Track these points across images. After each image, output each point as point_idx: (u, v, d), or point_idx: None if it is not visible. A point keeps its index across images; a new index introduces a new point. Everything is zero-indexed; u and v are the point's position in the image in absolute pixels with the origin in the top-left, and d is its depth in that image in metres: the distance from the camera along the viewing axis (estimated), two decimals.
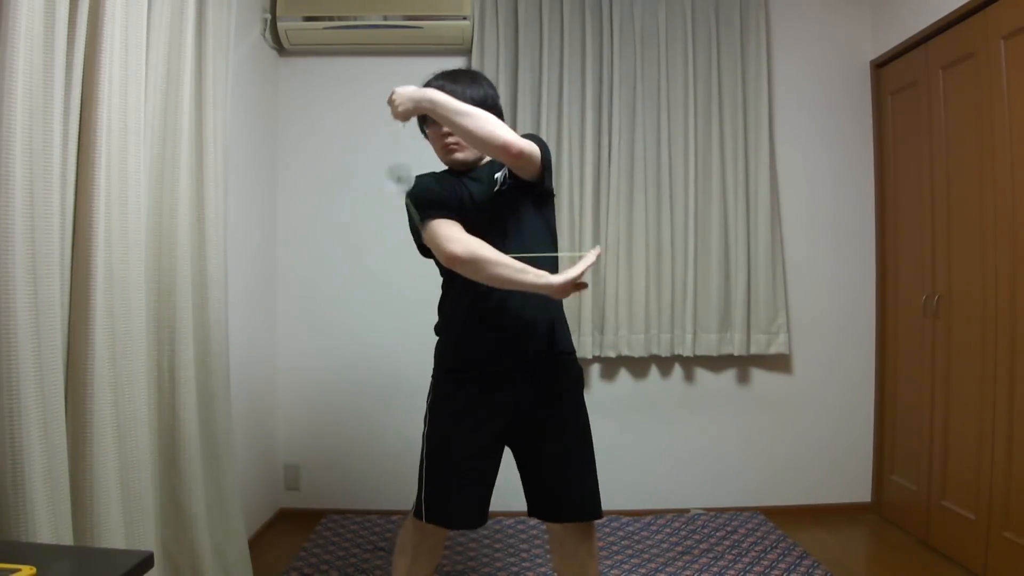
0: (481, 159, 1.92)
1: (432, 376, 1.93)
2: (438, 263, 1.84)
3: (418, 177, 1.78)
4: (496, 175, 1.86)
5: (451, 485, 1.83)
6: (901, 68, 3.19)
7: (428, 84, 1.83)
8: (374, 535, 3.06)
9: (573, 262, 1.64)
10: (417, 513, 1.87)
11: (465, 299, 1.83)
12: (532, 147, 1.74)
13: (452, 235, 1.71)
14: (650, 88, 3.30)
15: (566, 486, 1.85)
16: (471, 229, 1.75)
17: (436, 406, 1.89)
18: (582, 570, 1.91)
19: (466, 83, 1.85)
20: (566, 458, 1.86)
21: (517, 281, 1.66)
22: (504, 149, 1.67)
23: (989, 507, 2.56)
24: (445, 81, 1.84)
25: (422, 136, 1.99)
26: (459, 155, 1.87)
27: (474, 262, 1.67)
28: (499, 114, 1.84)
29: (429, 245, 1.78)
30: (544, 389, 1.85)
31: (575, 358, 1.95)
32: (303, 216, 3.38)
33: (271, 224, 3.33)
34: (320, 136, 3.39)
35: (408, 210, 1.79)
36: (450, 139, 1.85)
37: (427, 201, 1.78)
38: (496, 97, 1.92)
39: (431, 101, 1.68)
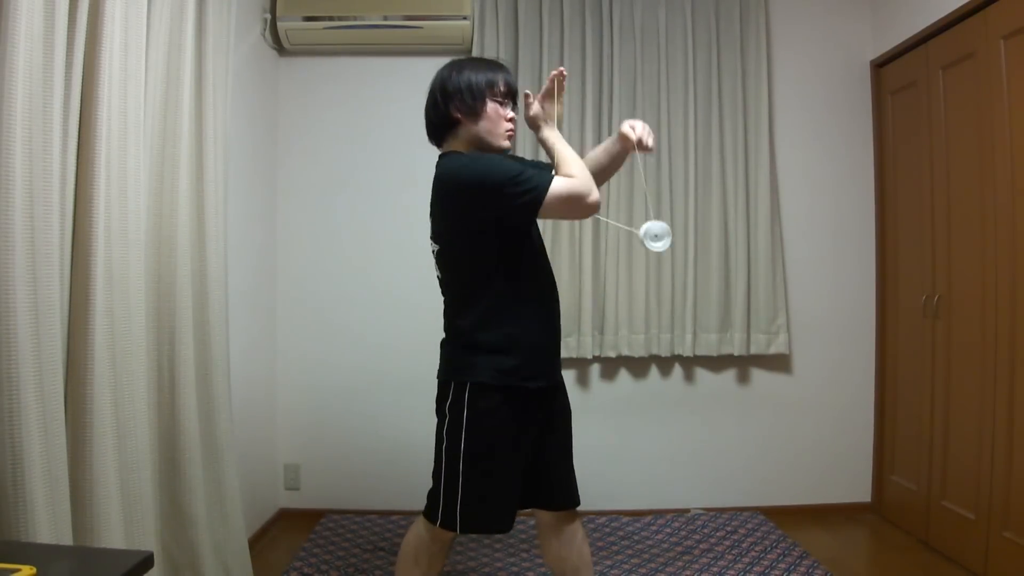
0: None
1: (468, 386, 1.79)
2: (499, 257, 1.79)
3: (477, 159, 1.76)
4: None
5: (496, 496, 1.82)
6: (901, 68, 3.19)
7: (479, 66, 1.83)
8: (374, 535, 3.06)
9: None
10: (447, 525, 1.81)
11: (532, 308, 1.82)
12: None
13: (581, 186, 1.70)
14: (650, 88, 3.29)
15: (563, 475, 1.95)
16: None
17: (480, 419, 1.78)
18: (579, 554, 1.94)
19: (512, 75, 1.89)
20: (564, 448, 1.97)
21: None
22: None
23: (989, 507, 2.56)
24: (506, 72, 1.84)
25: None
26: (508, 143, 1.86)
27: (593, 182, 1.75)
28: None
29: (558, 210, 1.72)
30: (556, 389, 1.94)
31: None
32: (303, 216, 3.38)
33: (271, 224, 3.33)
34: (320, 136, 3.38)
35: (501, 189, 1.69)
36: (512, 124, 1.84)
37: (519, 174, 1.68)
38: None
39: None
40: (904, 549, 2.96)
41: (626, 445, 3.37)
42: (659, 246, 1.78)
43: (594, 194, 1.70)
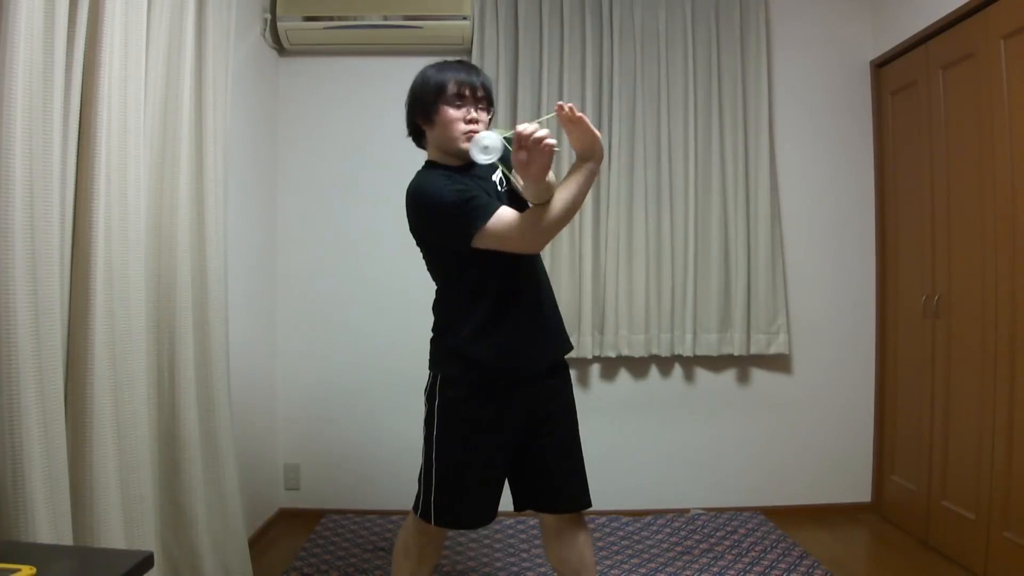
0: None
1: (439, 377, 1.86)
2: (451, 263, 1.81)
3: (425, 181, 1.76)
4: (494, 176, 1.86)
5: (467, 488, 1.83)
6: (901, 68, 3.19)
7: (433, 70, 1.80)
8: (374, 535, 3.06)
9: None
10: (424, 515, 1.85)
11: (492, 304, 1.79)
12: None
13: (523, 228, 1.66)
14: (650, 88, 3.29)
15: (565, 477, 1.90)
16: None
17: (448, 409, 1.83)
18: (580, 558, 1.92)
19: (477, 73, 1.81)
20: (566, 450, 1.91)
21: (584, 193, 1.70)
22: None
23: (989, 507, 2.56)
24: (461, 72, 1.77)
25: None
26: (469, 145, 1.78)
27: (558, 227, 1.70)
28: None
29: (495, 247, 1.70)
30: (554, 386, 1.91)
31: None
32: (303, 216, 3.38)
33: (271, 224, 3.33)
34: (320, 136, 3.38)
35: (440, 219, 1.71)
36: (473, 126, 1.76)
37: (461, 206, 1.67)
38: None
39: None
40: (904, 549, 2.96)
41: (626, 445, 3.37)
42: (484, 158, 1.63)
43: (532, 244, 1.70)
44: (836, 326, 3.41)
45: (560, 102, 1.60)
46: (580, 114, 1.60)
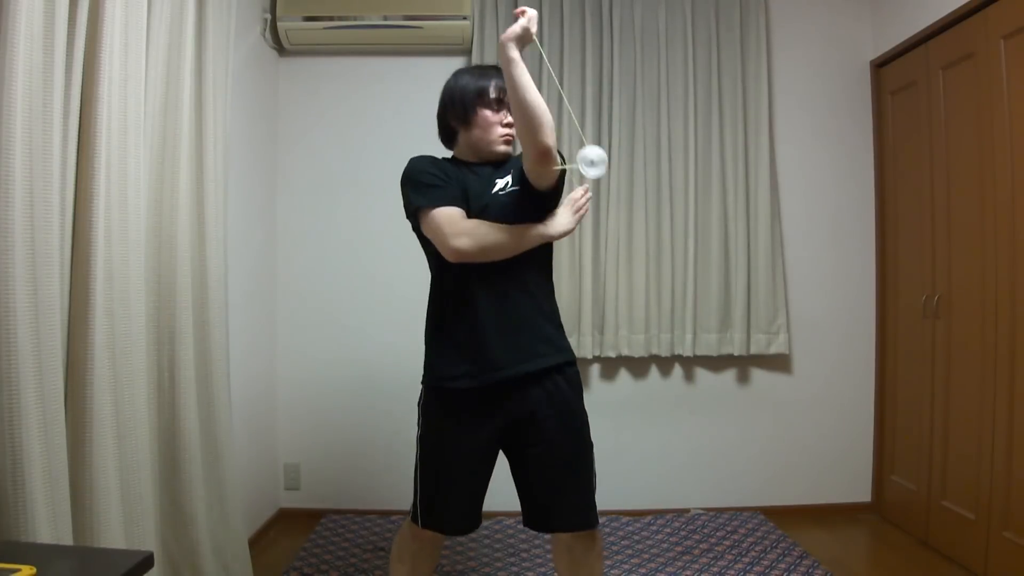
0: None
1: (423, 378, 1.89)
2: (430, 254, 1.83)
3: (414, 159, 1.82)
4: (497, 179, 1.80)
5: (446, 490, 1.82)
6: (901, 68, 3.19)
7: (472, 75, 1.85)
8: (374, 535, 3.06)
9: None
10: (414, 518, 1.86)
11: (455, 307, 1.79)
12: (555, 154, 1.70)
13: (457, 228, 1.68)
14: (650, 88, 3.29)
15: (555, 494, 1.79)
16: None
17: (426, 410, 1.86)
18: (591, 573, 1.89)
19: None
20: (557, 466, 1.79)
21: (528, 245, 1.74)
22: (544, 138, 1.63)
23: (989, 507, 2.56)
24: (501, 78, 1.76)
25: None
26: (505, 148, 1.83)
27: (484, 252, 1.70)
28: None
29: (430, 236, 1.74)
30: (541, 397, 1.79)
31: (575, 367, 1.87)
32: (303, 216, 3.38)
33: (271, 224, 3.33)
34: (320, 136, 3.39)
35: (405, 194, 1.80)
36: (509, 129, 1.81)
37: (425, 186, 1.74)
38: None
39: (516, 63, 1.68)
40: (904, 549, 2.96)
41: (626, 445, 3.37)
42: (594, 172, 1.68)
43: (448, 251, 1.68)
44: (836, 326, 3.41)
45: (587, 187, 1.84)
46: (584, 206, 1.82)
